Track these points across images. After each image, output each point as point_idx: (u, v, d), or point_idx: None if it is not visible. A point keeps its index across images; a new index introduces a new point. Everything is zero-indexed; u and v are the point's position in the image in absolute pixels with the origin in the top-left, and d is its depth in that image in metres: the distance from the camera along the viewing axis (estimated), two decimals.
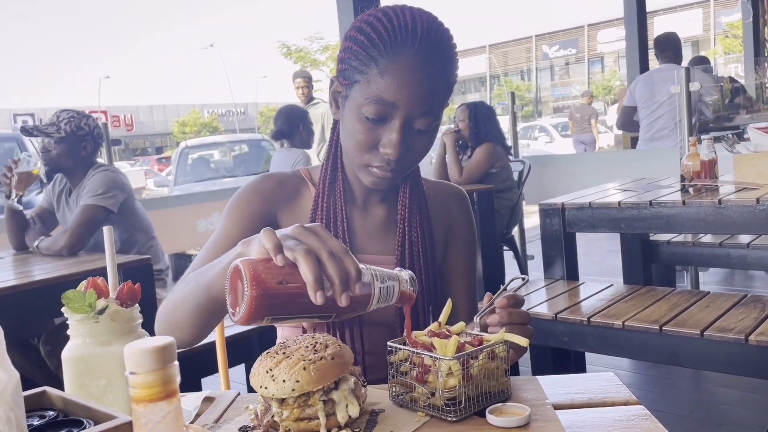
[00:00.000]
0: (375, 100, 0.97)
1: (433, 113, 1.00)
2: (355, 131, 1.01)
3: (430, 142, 1.05)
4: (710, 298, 2.42)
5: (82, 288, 0.76)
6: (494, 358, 0.79)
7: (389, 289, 0.79)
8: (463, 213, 1.21)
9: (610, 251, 5.78)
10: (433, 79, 0.98)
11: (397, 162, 1.01)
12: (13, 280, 2.21)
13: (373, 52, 0.97)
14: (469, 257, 1.21)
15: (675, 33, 5.01)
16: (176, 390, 0.44)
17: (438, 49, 0.99)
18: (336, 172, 1.13)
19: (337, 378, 0.75)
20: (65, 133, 2.56)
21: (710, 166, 2.84)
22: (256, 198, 1.12)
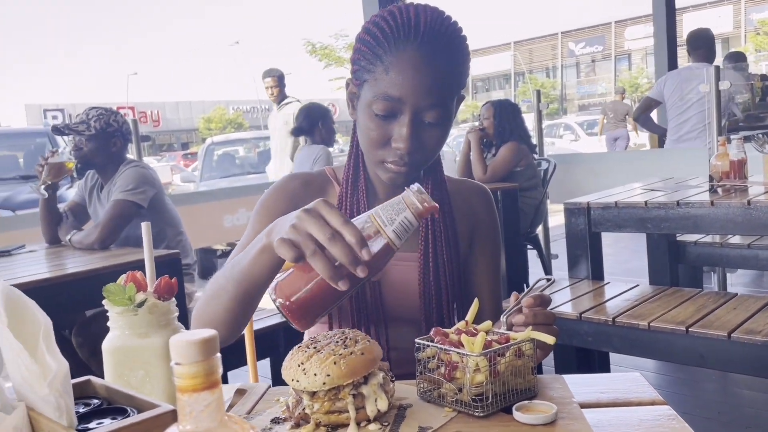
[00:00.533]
0: (382, 97, 1.00)
1: (442, 105, 1.02)
2: (367, 129, 1.04)
3: (443, 135, 1.06)
4: (738, 299, 2.40)
5: (121, 281, 0.79)
6: (521, 356, 0.80)
7: (403, 223, 0.77)
8: (487, 211, 1.22)
9: (635, 251, 5.72)
10: (438, 72, 1.00)
11: (410, 156, 1.03)
12: (46, 273, 2.26)
13: (379, 50, 1.01)
14: (493, 255, 1.22)
15: (709, 29, 4.86)
16: (218, 381, 0.46)
17: (442, 42, 1.01)
18: (358, 171, 1.15)
19: (367, 373, 0.76)
20: (95, 131, 2.61)
21: (739, 167, 2.80)
22: (282, 198, 1.15)
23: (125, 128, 2.74)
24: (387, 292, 1.12)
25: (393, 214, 0.77)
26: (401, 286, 1.12)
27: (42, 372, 0.52)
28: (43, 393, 0.51)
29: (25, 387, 0.54)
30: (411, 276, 1.12)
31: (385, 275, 1.12)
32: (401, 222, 0.77)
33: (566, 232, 2.95)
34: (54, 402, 0.51)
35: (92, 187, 2.81)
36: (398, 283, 1.12)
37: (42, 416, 0.54)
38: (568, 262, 2.96)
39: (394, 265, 1.12)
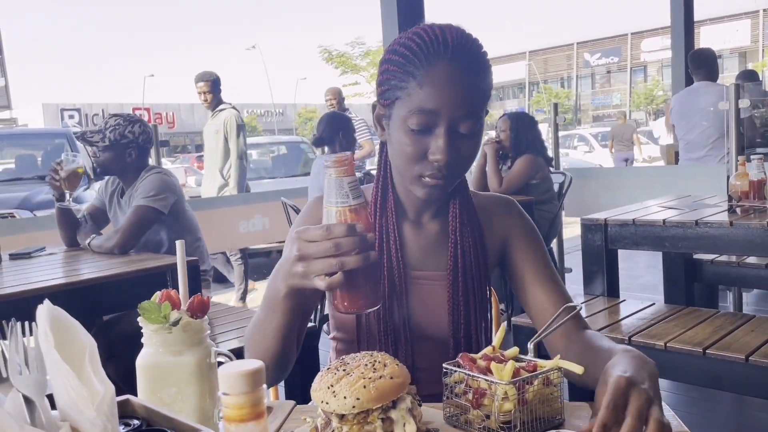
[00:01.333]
0: (418, 111, 1.02)
1: (474, 115, 1.04)
2: (402, 145, 1.06)
3: (476, 145, 1.08)
4: (756, 321, 2.38)
5: (156, 299, 0.80)
6: (549, 384, 0.80)
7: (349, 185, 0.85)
8: (516, 217, 1.22)
9: (648, 267, 5.70)
10: (470, 83, 1.04)
11: (447, 167, 1.04)
12: (64, 277, 2.29)
13: (410, 67, 1.03)
14: (539, 254, 1.19)
15: (710, 49, 4.91)
16: (264, 412, 0.47)
17: (470, 56, 1.05)
18: (387, 191, 1.17)
19: (396, 397, 0.77)
20: (109, 141, 2.63)
21: (759, 187, 2.79)
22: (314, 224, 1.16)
23: (142, 139, 2.70)
24: (415, 310, 1.13)
25: (338, 190, 0.85)
26: (430, 304, 1.13)
27: (90, 395, 0.53)
28: (90, 416, 0.53)
29: (71, 408, 0.55)
30: (439, 294, 1.13)
31: (413, 293, 1.13)
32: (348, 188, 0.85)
33: (582, 248, 2.94)
34: (101, 425, 0.52)
35: (113, 192, 2.84)
36: (426, 301, 1.13)
37: None
38: (584, 278, 2.96)
39: (422, 283, 1.14)
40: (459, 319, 1.12)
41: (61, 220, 2.76)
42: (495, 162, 4.08)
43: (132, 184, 2.69)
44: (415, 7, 4.94)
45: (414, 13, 5.02)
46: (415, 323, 1.12)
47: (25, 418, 0.57)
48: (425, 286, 1.14)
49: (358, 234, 0.83)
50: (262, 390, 0.47)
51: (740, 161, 2.90)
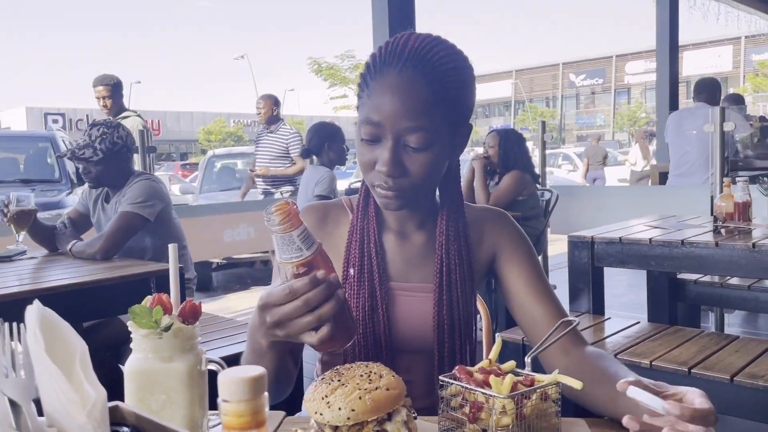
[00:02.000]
0: (366, 121, 1.03)
1: (425, 129, 1.01)
2: (359, 153, 1.07)
3: (431, 161, 1.03)
4: (740, 342, 2.39)
5: (147, 303, 0.78)
6: (546, 399, 0.79)
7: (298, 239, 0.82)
8: (508, 230, 1.19)
9: (631, 286, 5.72)
10: (419, 95, 1.00)
11: (394, 180, 1.03)
12: (44, 282, 2.24)
13: (367, 77, 1.04)
14: (532, 267, 1.17)
15: (716, 79, 5.15)
16: (265, 420, 0.46)
17: (425, 67, 1.01)
18: (368, 199, 1.16)
19: (392, 410, 0.75)
20: (102, 153, 2.57)
21: (744, 208, 2.81)
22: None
23: (130, 140, 2.69)
24: (400, 322, 1.11)
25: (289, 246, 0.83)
26: (415, 317, 1.11)
27: (80, 399, 0.51)
28: (81, 421, 0.51)
29: (60, 413, 0.53)
30: (425, 307, 1.11)
31: (399, 306, 1.11)
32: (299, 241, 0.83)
33: (569, 266, 2.95)
34: (92, 431, 0.50)
35: (97, 197, 2.80)
36: (412, 313, 1.11)
37: None
38: (570, 295, 2.96)
39: (407, 296, 1.12)
40: (444, 333, 1.10)
41: (32, 234, 2.71)
42: (483, 177, 4.10)
43: (119, 190, 2.65)
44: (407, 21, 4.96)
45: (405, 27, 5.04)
46: (398, 336, 1.10)
47: (10, 423, 0.55)
48: (409, 298, 1.12)
49: (322, 282, 0.82)
50: (263, 398, 0.45)
51: (726, 183, 2.93)
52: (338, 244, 1.15)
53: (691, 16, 9.01)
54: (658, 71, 8.65)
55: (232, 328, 2.69)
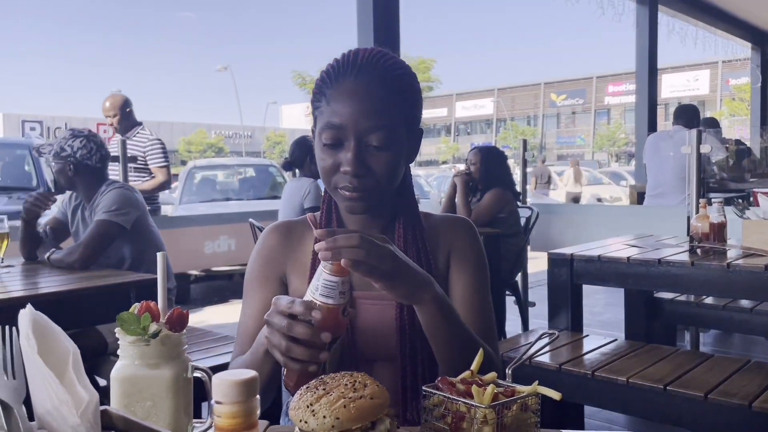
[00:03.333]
0: (327, 126, 1.07)
1: (385, 128, 1.06)
2: (320, 159, 1.11)
3: (392, 160, 1.09)
4: (714, 360, 2.44)
5: (134, 310, 0.78)
6: (526, 410, 0.81)
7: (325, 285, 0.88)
8: (465, 237, 1.21)
9: (608, 304, 5.79)
10: (376, 98, 1.07)
11: (358, 180, 1.07)
12: (22, 291, 2.22)
13: (323, 87, 1.10)
14: (474, 280, 1.19)
15: (695, 106, 5.41)
16: (256, 423, 0.47)
17: (378, 73, 1.08)
18: (330, 212, 1.19)
19: (375, 418, 0.77)
20: (53, 155, 2.63)
21: (719, 229, 2.87)
22: (266, 266, 1.19)
23: (80, 154, 2.64)
24: (364, 331, 1.12)
25: (316, 281, 0.89)
26: (378, 325, 1.13)
27: (73, 401, 0.52)
28: (74, 423, 0.51)
29: (52, 415, 0.53)
30: (388, 315, 1.13)
31: (361, 315, 1.13)
32: (323, 284, 0.88)
33: (548, 282, 2.98)
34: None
35: (76, 207, 2.78)
36: (374, 323, 1.13)
37: None
38: (549, 312, 2.99)
39: (370, 304, 1.14)
40: (406, 339, 1.12)
41: (24, 236, 2.69)
42: (464, 194, 4.13)
43: (91, 199, 2.65)
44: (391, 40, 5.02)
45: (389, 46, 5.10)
46: (364, 344, 1.12)
47: (1, 425, 0.55)
48: (373, 306, 1.13)
49: (318, 345, 0.87)
50: (255, 400, 0.47)
51: (702, 204, 3.00)
52: (302, 259, 1.18)
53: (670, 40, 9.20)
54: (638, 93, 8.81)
55: (212, 340, 2.67)
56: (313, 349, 0.87)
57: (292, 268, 1.18)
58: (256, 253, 1.21)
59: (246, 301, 1.20)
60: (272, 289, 1.17)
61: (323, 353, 0.87)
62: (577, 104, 52.11)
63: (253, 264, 1.21)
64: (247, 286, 1.20)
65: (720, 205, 2.94)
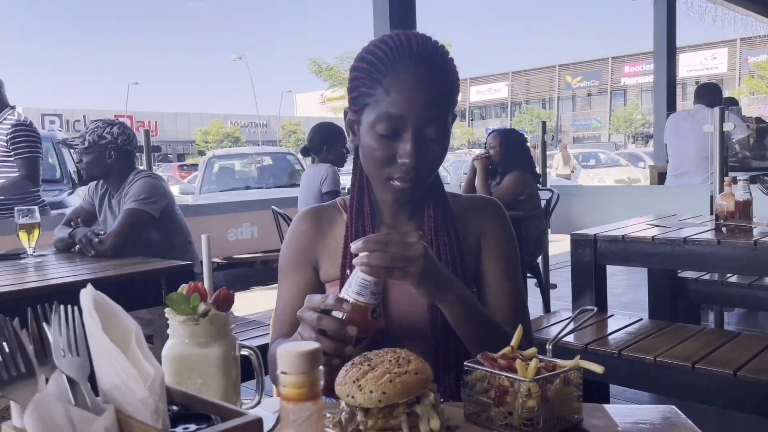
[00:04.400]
0: (385, 116, 1.06)
1: (441, 120, 1.08)
2: (372, 150, 1.09)
3: (443, 150, 1.11)
4: (741, 338, 2.43)
5: (183, 291, 0.80)
6: (569, 384, 0.82)
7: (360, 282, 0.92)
8: (495, 219, 1.23)
9: (629, 285, 5.76)
10: (434, 89, 1.07)
11: (415, 170, 1.07)
12: (55, 279, 2.26)
13: (377, 75, 1.07)
14: (506, 261, 1.20)
15: (717, 84, 5.31)
16: (320, 393, 0.48)
17: (435, 62, 1.08)
18: (363, 197, 1.19)
19: (421, 393, 0.78)
20: (88, 144, 2.65)
21: (745, 207, 2.85)
22: (298, 251, 1.22)
23: (121, 140, 2.68)
24: (397, 312, 1.14)
25: (351, 278, 0.93)
26: (410, 307, 1.14)
27: (141, 376, 0.54)
28: (142, 396, 0.53)
29: (119, 389, 0.55)
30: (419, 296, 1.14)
31: (395, 296, 1.14)
32: (357, 281, 0.92)
33: (572, 263, 2.98)
34: (153, 405, 0.53)
35: (103, 195, 2.82)
36: (406, 303, 1.14)
37: (133, 419, 0.55)
38: (573, 293, 2.99)
39: (400, 285, 1.13)
40: (438, 320, 1.12)
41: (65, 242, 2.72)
42: (484, 177, 4.12)
43: (120, 188, 2.69)
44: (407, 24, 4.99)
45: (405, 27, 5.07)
46: (395, 323, 1.13)
47: (69, 400, 0.58)
48: (403, 287, 1.13)
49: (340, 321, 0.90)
50: (319, 371, 0.48)
51: (727, 182, 2.97)
52: (333, 244, 1.19)
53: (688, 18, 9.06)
54: (656, 73, 8.69)
55: (239, 325, 2.71)
56: (338, 342, 0.90)
57: (323, 253, 1.20)
58: (288, 239, 1.23)
59: (281, 286, 1.22)
60: (305, 274, 1.19)
61: (348, 347, 0.90)
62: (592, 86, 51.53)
63: (285, 250, 1.23)
64: (282, 272, 1.23)
65: (745, 183, 2.91)
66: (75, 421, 0.54)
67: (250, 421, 0.56)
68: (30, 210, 2.55)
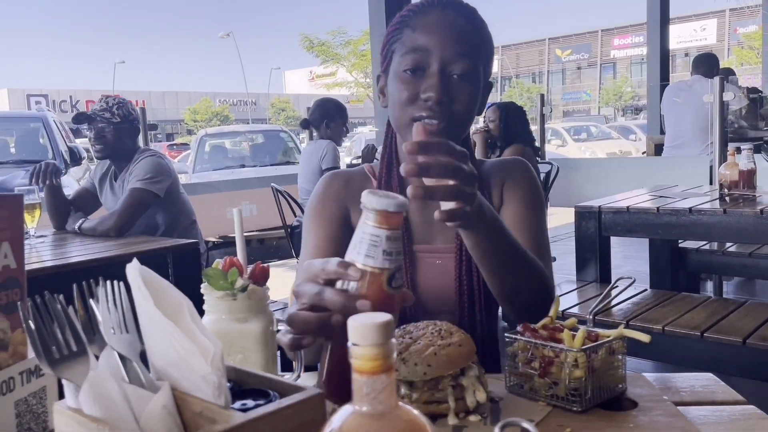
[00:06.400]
0: (410, 51, 1.04)
1: (468, 57, 1.04)
2: (397, 91, 1.06)
3: (473, 92, 1.06)
4: (748, 306, 2.44)
5: (218, 266, 0.78)
6: (613, 353, 0.81)
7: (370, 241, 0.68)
8: (518, 171, 1.19)
9: (626, 257, 5.78)
10: (462, 29, 1.05)
11: (440, 106, 1.02)
12: (60, 259, 2.23)
13: (405, 20, 1.08)
14: (527, 203, 1.15)
15: (714, 54, 5.29)
16: (393, 365, 0.46)
17: (464, 10, 1.08)
18: (392, 166, 1.16)
19: (465, 365, 0.77)
20: (120, 118, 2.59)
21: (749, 176, 2.85)
22: (330, 200, 1.17)
23: (135, 115, 2.71)
24: (424, 284, 1.12)
25: (356, 236, 0.70)
26: (437, 279, 1.12)
27: (201, 351, 0.52)
28: (204, 371, 0.51)
29: (178, 365, 0.53)
30: (448, 268, 1.12)
31: (423, 268, 1.13)
32: (365, 239, 0.69)
33: (576, 235, 2.97)
34: (216, 381, 0.51)
35: (104, 176, 2.78)
36: (433, 275, 1.13)
37: (190, 396, 0.53)
38: (577, 264, 2.99)
39: (428, 257, 1.14)
40: (465, 293, 1.11)
41: (51, 203, 2.69)
42: (484, 150, 4.11)
43: (125, 167, 2.65)
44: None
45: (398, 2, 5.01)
46: (422, 297, 1.11)
47: (123, 377, 0.56)
48: (431, 260, 1.13)
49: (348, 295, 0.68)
50: (393, 343, 0.46)
51: (730, 152, 2.96)
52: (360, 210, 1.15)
53: None
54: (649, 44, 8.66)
55: None
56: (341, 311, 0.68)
57: (356, 213, 1.13)
58: (317, 194, 1.18)
59: (306, 239, 1.17)
60: (333, 225, 1.14)
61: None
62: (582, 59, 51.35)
63: (312, 203, 1.18)
64: (306, 225, 1.18)
65: (749, 152, 2.91)
66: (131, 398, 0.52)
67: (312, 395, 0.54)
68: (30, 190, 2.51)
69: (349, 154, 9.53)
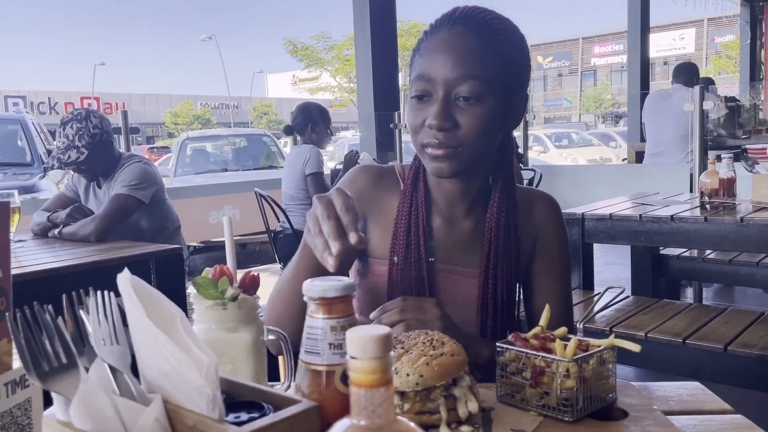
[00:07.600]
0: (417, 78, 1.03)
1: (474, 78, 0.99)
2: (409, 117, 1.06)
3: (483, 115, 1.00)
4: (729, 313, 2.47)
5: (208, 275, 0.77)
6: (603, 363, 0.81)
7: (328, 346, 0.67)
8: (552, 219, 1.18)
9: (607, 263, 5.83)
10: (468, 47, 1.00)
11: (444, 135, 1.00)
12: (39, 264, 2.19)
13: (419, 44, 1.06)
14: (558, 265, 1.17)
15: (694, 64, 5.39)
16: (392, 378, 0.46)
17: (474, 24, 1.02)
18: (417, 182, 1.13)
19: (458, 375, 0.76)
20: (86, 149, 2.53)
21: (729, 185, 2.88)
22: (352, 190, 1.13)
23: (105, 124, 2.61)
24: (445, 304, 1.07)
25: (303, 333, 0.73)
26: (458, 300, 1.11)
27: (195, 363, 0.51)
28: (197, 384, 0.50)
29: (170, 378, 0.52)
30: (470, 291, 1.11)
31: (441, 286, 1.12)
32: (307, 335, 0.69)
33: None
34: (210, 394, 0.50)
35: (88, 184, 2.75)
36: (455, 296, 1.11)
37: (183, 409, 0.53)
38: None
39: (450, 277, 1.12)
40: (487, 317, 1.10)
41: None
42: None
43: (110, 175, 2.62)
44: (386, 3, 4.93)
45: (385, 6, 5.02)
46: None
47: (114, 390, 0.55)
48: (454, 281, 1.12)
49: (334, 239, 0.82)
50: (391, 356, 0.46)
51: (710, 160, 3.00)
52: (385, 210, 1.14)
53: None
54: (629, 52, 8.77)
55: None
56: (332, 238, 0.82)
57: (373, 216, 1.15)
58: (350, 181, 1.16)
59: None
60: None
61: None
62: (563, 66, 51.82)
63: (344, 186, 1.15)
64: None
65: (729, 161, 2.94)
66: (122, 412, 0.51)
67: (307, 408, 0.53)
68: (9, 194, 2.47)
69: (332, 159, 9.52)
